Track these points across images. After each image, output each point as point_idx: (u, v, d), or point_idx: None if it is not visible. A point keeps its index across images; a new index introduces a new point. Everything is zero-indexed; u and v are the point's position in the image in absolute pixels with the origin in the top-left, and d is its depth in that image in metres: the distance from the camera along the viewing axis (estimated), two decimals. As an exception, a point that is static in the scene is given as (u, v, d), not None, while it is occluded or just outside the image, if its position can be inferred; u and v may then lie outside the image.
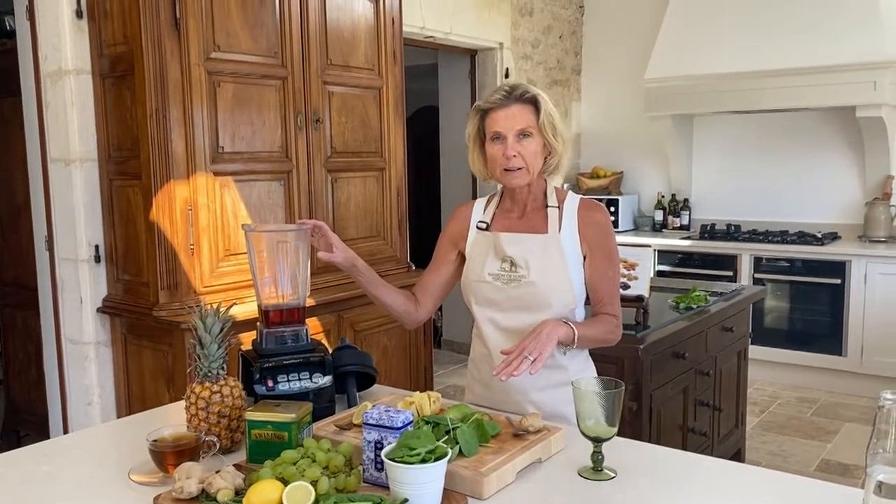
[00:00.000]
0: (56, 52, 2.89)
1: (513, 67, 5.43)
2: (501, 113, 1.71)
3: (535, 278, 1.73)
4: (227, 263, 2.87)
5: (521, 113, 1.71)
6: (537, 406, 1.75)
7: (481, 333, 1.82)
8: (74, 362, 3.02)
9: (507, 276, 1.75)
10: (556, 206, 1.78)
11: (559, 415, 1.72)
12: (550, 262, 1.74)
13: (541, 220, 1.79)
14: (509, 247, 1.76)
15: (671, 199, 5.86)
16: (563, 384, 1.72)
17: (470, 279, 1.81)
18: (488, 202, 1.88)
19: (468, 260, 1.84)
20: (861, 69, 4.59)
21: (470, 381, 1.91)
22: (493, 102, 1.73)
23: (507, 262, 1.76)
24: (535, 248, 1.75)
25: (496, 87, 1.76)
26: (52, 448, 1.65)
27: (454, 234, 1.89)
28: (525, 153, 1.71)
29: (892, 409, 1.09)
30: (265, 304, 1.72)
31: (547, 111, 1.71)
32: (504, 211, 1.85)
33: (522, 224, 1.80)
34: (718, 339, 3.18)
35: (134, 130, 2.77)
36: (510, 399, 1.78)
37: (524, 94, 1.72)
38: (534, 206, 1.81)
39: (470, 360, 1.92)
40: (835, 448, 3.90)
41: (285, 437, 1.42)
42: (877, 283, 4.58)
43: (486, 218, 1.85)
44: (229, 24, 2.83)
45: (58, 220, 3.02)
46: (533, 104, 1.72)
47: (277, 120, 3.03)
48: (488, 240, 1.81)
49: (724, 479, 1.43)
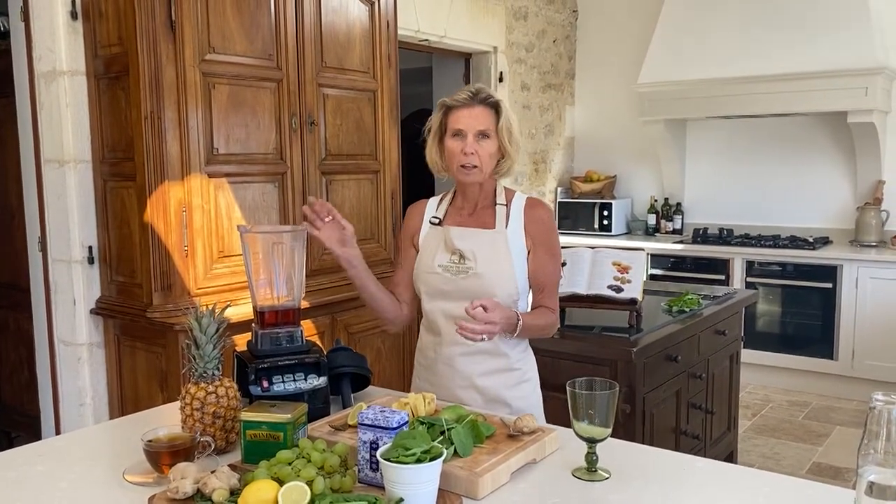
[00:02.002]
0: (50, 53, 2.89)
1: (507, 71, 5.45)
2: (465, 112, 1.82)
3: (481, 270, 1.83)
4: (221, 265, 2.87)
5: (483, 115, 1.82)
6: (480, 391, 1.86)
7: (431, 322, 1.91)
8: (67, 364, 3.01)
9: (455, 268, 1.86)
10: (505, 204, 1.90)
11: (501, 400, 1.86)
12: (497, 255, 1.84)
13: (490, 217, 1.90)
14: (459, 241, 1.86)
15: (664, 203, 5.88)
16: (505, 370, 1.88)
17: (421, 270, 1.91)
18: (441, 199, 1.99)
19: (420, 251, 1.94)
20: (852, 75, 4.63)
21: (417, 369, 2.00)
22: (458, 101, 1.84)
23: (456, 254, 1.86)
24: (483, 243, 1.86)
25: (463, 88, 1.86)
26: (47, 448, 1.65)
27: (410, 230, 2.00)
28: (481, 153, 1.82)
29: (884, 410, 1.10)
30: (260, 306, 1.73)
31: (506, 117, 1.83)
32: (456, 208, 1.96)
33: (473, 220, 1.92)
34: (711, 343, 3.20)
35: (128, 132, 2.77)
36: (455, 384, 1.87)
37: (487, 98, 1.84)
38: (484, 205, 1.92)
39: (417, 349, 2.01)
40: (826, 451, 3.93)
41: (280, 438, 1.42)
42: (868, 288, 4.61)
43: (439, 214, 1.96)
44: (224, 25, 2.83)
45: (51, 222, 3.01)
46: (495, 109, 1.83)
47: (272, 122, 3.03)
48: (439, 234, 1.91)
49: (718, 479, 1.44)
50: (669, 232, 5.80)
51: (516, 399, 1.88)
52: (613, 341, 2.62)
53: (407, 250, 1.99)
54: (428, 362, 1.94)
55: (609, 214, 5.81)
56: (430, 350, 1.93)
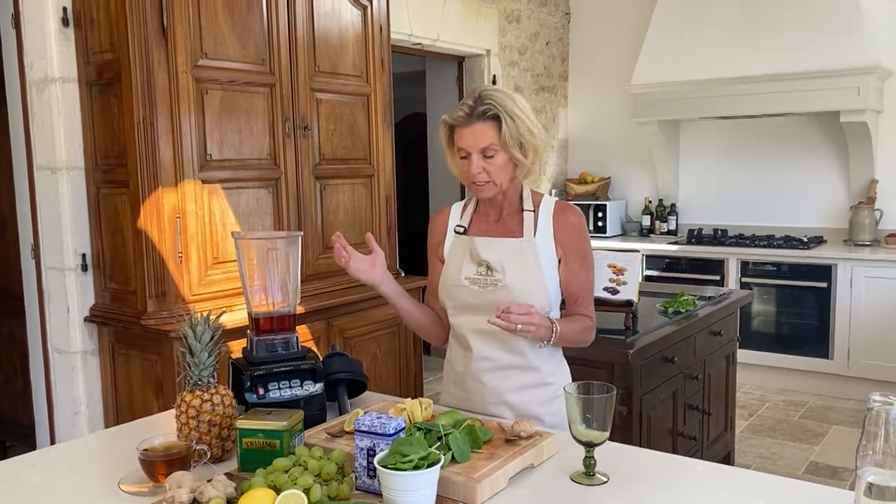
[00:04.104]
0: (42, 60, 2.88)
1: (500, 74, 5.45)
2: (465, 131, 1.72)
3: (510, 282, 1.75)
4: (216, 271, 2.86)
5: (483, 131, 1.70)
6: (511, 407, 1.78)
7: (459, 336, 1.84)
8: (61, 372, 2.99)
9: (483, 280, 1.77)
10: (532, 210, 1.80)
11: (533, 416, 1.75)
12: (525, 265, 1.76)
13: (517, 224, 1.81)
14: (485, 251, 1.78)
15: (658, 204, 5.89)
16: (537, 385, 1.79)
17: (447, 283, 1.83)
18: (466, 205, 1.90)
19: (446, 262, 1.86)
20: (844, 75, 4.64)
21: (446, 383, 1.93)
22: (456, 120, 1.73)
23: (483, 265, 1.78)
24: (511, 253, 1.77)
25: (462, 100, 1.74)
26: (41, 458, 1.64)
27: (435, 242, 1.92)
28: (490, 169, 1.72)
29: (881, 411, 1.10)
30: (255, 312, 1.72)
31: (509, 128, 1.69)
32: (481, 215, 1.87)
33: (499, 228, 1.83)
34: (707, 343, 3.20)
35: (121, 138, 2.76)
36: (485, 400, 1.80)
37: (487, 112, 1.69)
38: (510, 211, 1.83)
39: (446, 361, 1.94)
40: (823, 450, 3.93)
41: (277, 445, 1.41)
42: (862, 287, 4.62)
43: (464, 222, 1.87)
44: (217, 31, 2.83)
45: (44, 229, 3.00)
46: (496, 120, 1.70)
47: (265, 127, 3.02)
48: (465, 244, 1.83)
49: (716, 482, 1.44)
50: (664, 233, 5.80)
51: (549, 415, 1.78)
52: (610, 343, 2.62)
53: (434, 264, 1.91)
54: (457, 377, 1.87)
55: (604, 216, 5.81)
56: (458, 364, 1.86)
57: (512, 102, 1.71)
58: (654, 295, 3.39)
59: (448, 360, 1.92)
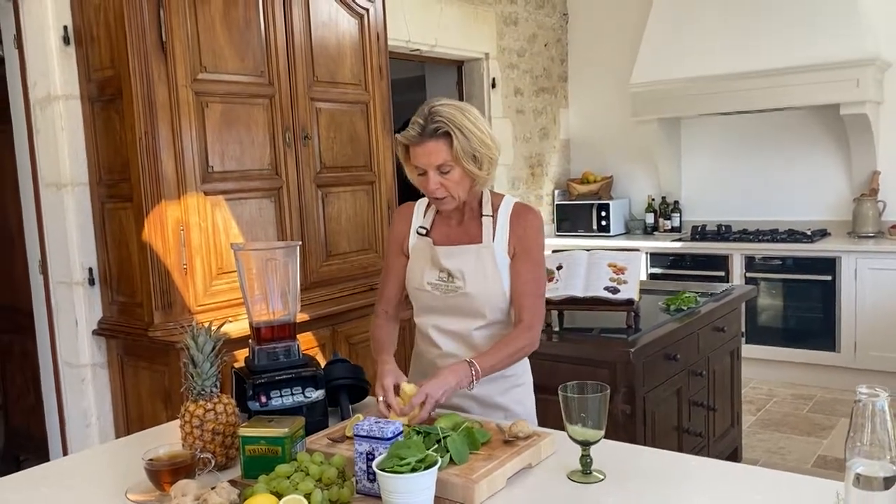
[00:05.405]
0: (44, 79, 2.92)
1: (499, 77, 5.48)
2: (419, 150, 1.74)
3: (470, 289, 1.82)
4: (221, 282, 2.89)
5: (436, 150, 1.71)
6: (475, 398, 1.86)
7: (423, 334, 1.94)
8: (72, 385, 3.03)
9: (444, 286, 1.85)
10: (491, 214, 1.86)
11: (496, 405, 1.88)
12: (484, 272, 1.82)
13: (476, 229, 1.87)
14: (446, 259, 1.85)
15: (661, 201, 5.90)
16: (498, 377, 1.87)
17: (411, 285, 1.91)
18: (429, 205, 1.93)
19: (410, 261, 1.93)
20: (843, 67, 4.64)
21: (412, 374, 1.99)
22: (408, 139, 1.75)
23: (444, 272, 1.85)
24: (470, 260, 1.83)
25: (413, 117, 1.75)
26: (52, 470, 1.67)
27: (399, 236, 1.96)
28: (447, 184, 1.76)
29: (868, 402, 1.11)
30: (256, 322, 1.75)
31: (461, 143, 1.70)
32: (443, 217, 1.91)
33: (460, 231, 1.88)
34: (710, 340, 3.21)
35: (124, 153, 2.80)
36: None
37: (437, 130, 1.70)
38: (470, 215, 1.88)
39: (413, 353, 2.04)
40: (831, 444, 3.93)
41: (279, 452, 1.44)
42: (867, 279, 4.62)
43: (426, 223, 1.93)
44: (215, 44, 2.86)
45: (51, 244, 3.04)
46: (447, 137, 1.70)
47: (266, 138, 3.05)
48: (427, 247, 1.89)
49: (714, 478, 1.46)
50: (668, 230, 5.81)
51: (511, 403, 1.90)
52: (611, 343, 2.64)
53: (397, 257, 1.96)
54: (423, 368, 1.96)
55: (607, 215, 5.82)
56: (424, 358, 1.96)
57: (462, 116, 1.72)
58: (657, 293, 3.40)
59: (415, 354, 2.03)
